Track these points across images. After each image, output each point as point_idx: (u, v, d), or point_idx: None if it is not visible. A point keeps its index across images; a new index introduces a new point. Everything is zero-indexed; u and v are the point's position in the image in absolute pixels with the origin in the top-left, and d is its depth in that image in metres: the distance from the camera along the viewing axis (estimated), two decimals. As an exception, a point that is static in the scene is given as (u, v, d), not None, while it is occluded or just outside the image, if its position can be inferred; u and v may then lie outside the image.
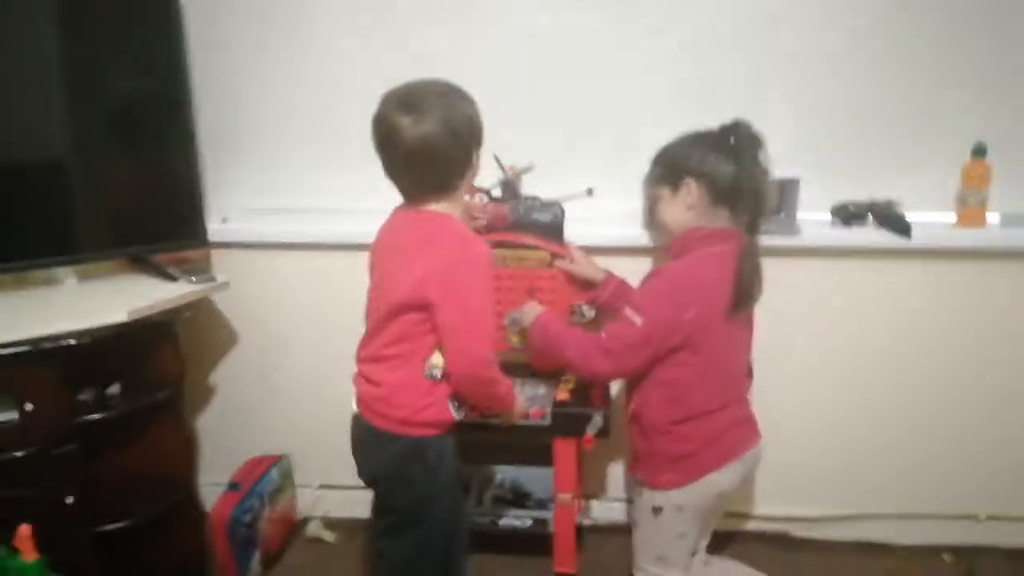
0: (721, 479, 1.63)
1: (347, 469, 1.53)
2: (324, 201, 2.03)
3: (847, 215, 1.84)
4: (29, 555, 1.32)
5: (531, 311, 1.73)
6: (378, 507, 1.55)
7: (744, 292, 1.58)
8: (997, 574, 1.90)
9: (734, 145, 1.58)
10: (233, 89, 2.00)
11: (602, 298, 1.81)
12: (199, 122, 1.89)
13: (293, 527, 2.16)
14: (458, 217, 1.44)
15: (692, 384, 1.58)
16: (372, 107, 1.38)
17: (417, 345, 1.41)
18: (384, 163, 1.40)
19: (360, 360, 1.49)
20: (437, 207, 1.41)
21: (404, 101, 1.35)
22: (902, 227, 1.79)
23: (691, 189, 1.60)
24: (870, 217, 1.85)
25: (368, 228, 1.52)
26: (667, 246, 1.70)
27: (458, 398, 1.45)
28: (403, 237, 1.44)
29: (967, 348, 1.92)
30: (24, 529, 1.32)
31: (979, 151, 1.77)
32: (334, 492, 2.17)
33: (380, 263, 1.49)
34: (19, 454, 1.52)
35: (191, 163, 1.86)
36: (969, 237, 1.82)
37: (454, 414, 1.46)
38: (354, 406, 1.50)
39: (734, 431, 1.64)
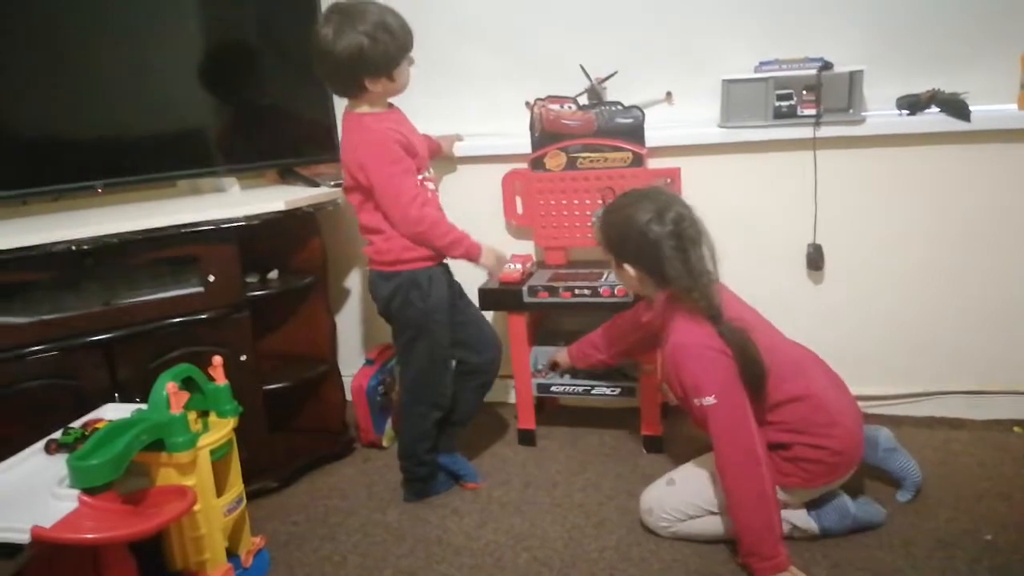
0: None
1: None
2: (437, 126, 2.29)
3: (910, 104, 1.97)
4: (220, 380, 1.70)
5: None
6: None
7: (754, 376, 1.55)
8: (1064, 443, 2.00)
9: (667, 237, 1.55)
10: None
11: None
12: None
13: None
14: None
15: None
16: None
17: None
18: None
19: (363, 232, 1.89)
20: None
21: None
22: (962, 112, 1.90)
23: (629, 272, 1.66)
24: (933, 107, 1.96)
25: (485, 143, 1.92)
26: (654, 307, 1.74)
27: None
28: None
29: (1034, 228, 2.00)
30: (217, 359, 1.69)
31: (1037, 36, 1.86)
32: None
33: None
34: (204, 316, 1.92)
35: (326, 94, 2.21)
36: (1028, 118, 1.89)
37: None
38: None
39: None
